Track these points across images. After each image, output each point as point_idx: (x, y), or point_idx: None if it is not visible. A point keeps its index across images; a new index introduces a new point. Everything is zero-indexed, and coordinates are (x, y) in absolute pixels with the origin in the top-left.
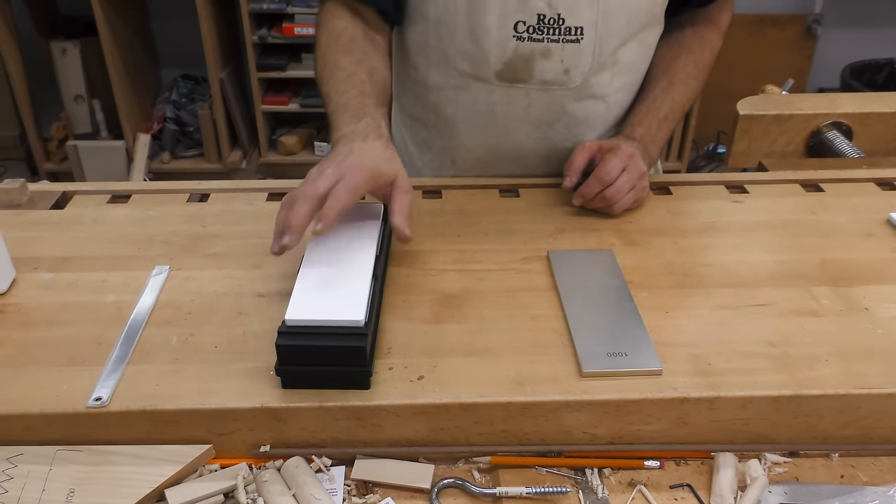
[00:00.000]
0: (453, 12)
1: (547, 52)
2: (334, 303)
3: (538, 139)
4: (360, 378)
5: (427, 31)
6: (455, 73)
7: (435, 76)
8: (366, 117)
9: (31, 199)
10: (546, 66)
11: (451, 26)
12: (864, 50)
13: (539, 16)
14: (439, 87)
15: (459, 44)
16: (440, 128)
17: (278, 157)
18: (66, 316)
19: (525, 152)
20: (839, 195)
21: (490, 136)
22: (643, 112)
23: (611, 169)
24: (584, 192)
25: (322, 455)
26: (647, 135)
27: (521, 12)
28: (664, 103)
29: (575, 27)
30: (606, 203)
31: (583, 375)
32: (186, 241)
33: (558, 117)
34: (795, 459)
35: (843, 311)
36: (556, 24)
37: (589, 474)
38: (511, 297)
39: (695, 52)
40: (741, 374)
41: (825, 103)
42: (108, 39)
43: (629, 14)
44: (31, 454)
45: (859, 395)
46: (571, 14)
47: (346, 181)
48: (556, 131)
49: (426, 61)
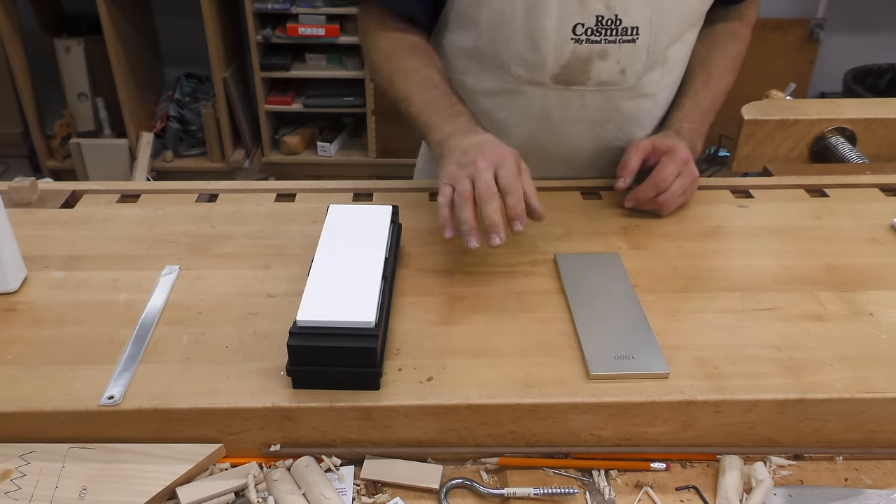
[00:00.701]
0: (510, 17)
1: (604, 53)
2: (345, 304)
3: (591, 139)
4: (370, 379)
5: (480, 36)
6: (510, 79)
7: (488, 81)
8: (462, 115)
9: (41, 198)
10: (603, 67)
11: (508, 31)
12: (867, 55)
13: (598, 17)
14: (492, 92)
15: (516, 48)
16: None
17: (281, 156)
18: (77, 314)
19: (578, 153)
20: (843, 200)
21: (543, 139)
22: (688, 106)
23: (667, 175)
24: (639, 196)
25: (332, 455)
26: (693, 129)
27: (580, 14)
28: (705, 98)
29: (631, 27)
30: (658, 207)
31: (590, 378)
32: (196, 241)
33: (611, 117)
34: (800, 462)
35: (848, 316)
36: (614, 25)
37: (596, 476)
38: (519, 300)
39: (728, 45)
40: (747, 378)
41: (829, 109)
42: (113, 37)
43: (681, 12)
44: (43, 452)
45: (864, 399)
46: (628, 14)
47: (508, 169)
48: (608, 130)
49: (478, 66)
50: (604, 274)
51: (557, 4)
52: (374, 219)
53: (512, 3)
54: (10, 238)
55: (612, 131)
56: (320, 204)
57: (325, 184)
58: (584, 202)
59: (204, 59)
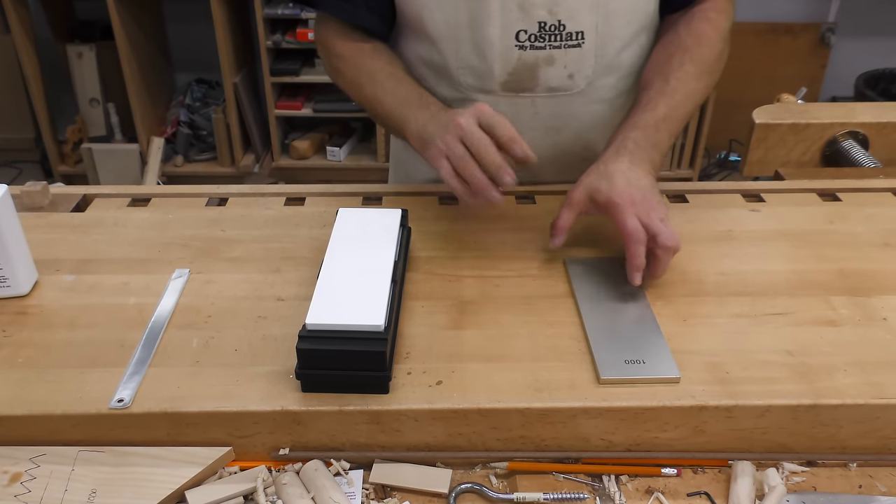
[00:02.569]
0: (455, 27)
1: (550, 58)
2: (354, 307)
3: (547, 146)
4: (380, 382)
5: (428, 46)
6: (460, 87)
7: (443, 89)
8: (433, 104)
9: (52, 202)
10: (550, 73)
11: (454, 41)
12: (878, 59)
13: (540, 23)
14: (447, 99)
15: (463, 58)
16: None
17: (291, 161)
18: (88, 318)
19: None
20: (856, 205)
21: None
22: (638, 114)
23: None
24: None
25: (341, 458)
26: (644, 138)
27: (523, 21)
28: (661, 103)
29: (576, 32)
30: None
31: (601, 383)
32: (206, 245)
33: (566, 122)
34: (813, 469)
35: (861, 321)
36: (558, 31)
37: (606, 481)
38: (528, 304)
39: (692, 49)
40: (759, 383)
41: (842, 113)
42: (124, 43)
43: (629, 15)
44: (53, 454)
45: (878, 405)
46: (572, 19)
47: (486, 113)
48: (564, 136)
49: (432, 74)
50: (614, 278)
51: (500, 13)
52: (383, 222)
53: (455, 13)
54: (22, 242)
55: (568, 137)
56: (330, 208)
57: (334, 187)
58: None
59: (214, 64)
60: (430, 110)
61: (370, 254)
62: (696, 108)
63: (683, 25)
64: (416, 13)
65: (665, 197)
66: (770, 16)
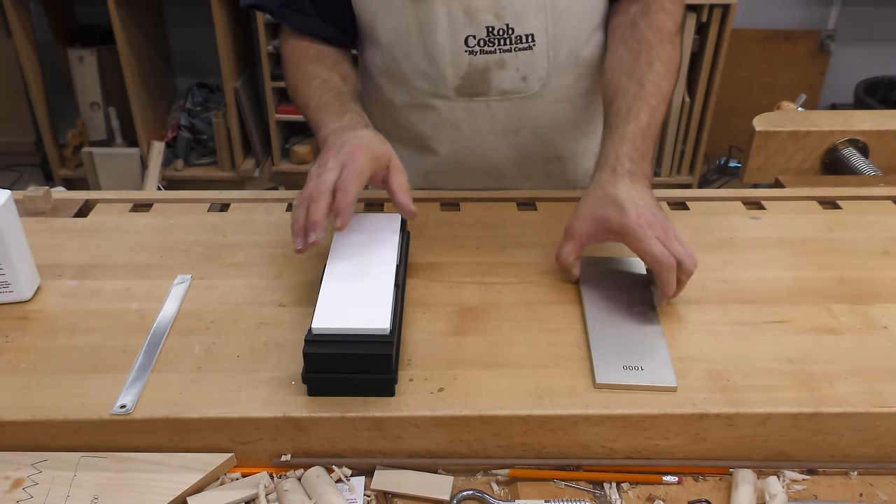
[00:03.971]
0: (405, 34)
1: (501, 62)
2: (359, 311)
3: (506, 147)
4: (386, 385)
5: (383, 54)
6: (416, 93)
7: (399, 95)
8: (349, 112)
9: (54, 207)
10: (503, 77)
11: (405, 48)
12: (878, 66)
13: (488, 28)
14: (406, 106)
15: (415, 64)
16: (414, 145)
17: (291, 165)
18: (90, 323)
19: (497, 162)
20: (856, 213)
21: (460, 151)
22: (622, 126)
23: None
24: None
25: (342, 465)
26: (635, 151)
27: (470, 27)
28: (643, 111)
29: (525, 35)
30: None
31: (596, 387)
32: (208, 251)
33: (523, 125)
34: (814, 477)
35: (861, 329)
36: (507, 35)
37: (607, 488)
38: (530, 310)
39: (656, 46)
40: (760, 391)
41: (842, 120)
42: (125, 48)
43: (580, 14)
44: (55, 460)
45: (879, 413)
46: (520, 23)
47: (350, 168)
48: (523, 138)
49: (388, 81)
50: (623, 281)
51: (446, 19)
52: (384, 227)
53: (405, 20)
54: (25, 247)
55: (526, 138)
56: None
57: None
58: None
59: (215, 69)
60: (342, 120)
61: (372, 258)
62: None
63: (642, 18)
64: (368, 21)
65: (665, 204)
66: (770, 23)
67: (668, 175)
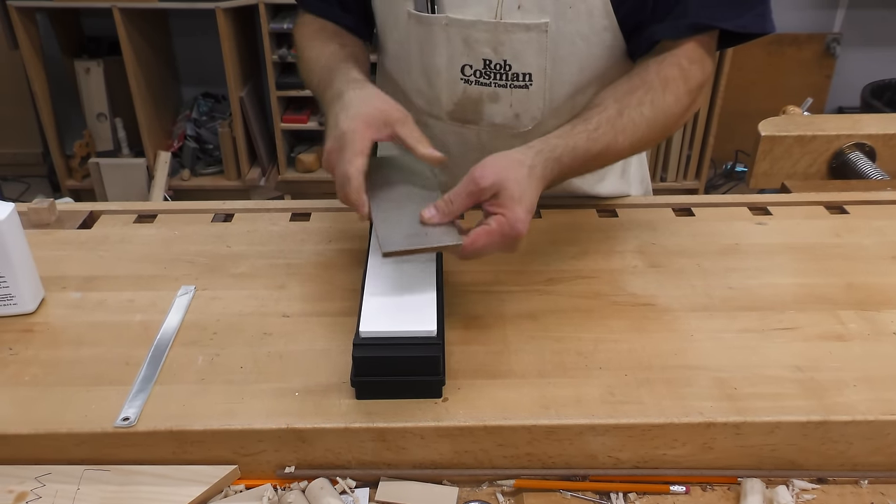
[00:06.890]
0: (408, 50)
1: (495, 96)
2: (405, 315)
3: None
4: (434, 386)
5: (389, 63)
6: (413, 108)
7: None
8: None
9: (59, 219)
10: (495, 110)
11: (407, 63)
12: (884, 69)
13: (485, 61)
14: None
15: (415, 80)
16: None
17: (297, 174)
18: (93, 335)
19: None
20: (864, 217)
21: (448, 171)
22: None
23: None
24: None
25: (346, 477)
26: (567, 154)
27: (467, 56)
28: (605, 136)
29: (523, 73)
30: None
31: (384, 255)
32: (211, 261)
33: None
34: (824, 486)
35: (870, 336)
36: (503, 70)
37: (614, 498)
38: (534, 320)
39: (655, 91)
40: (768, 399)
41: (848, 124)
42: (131, 59)
43: (581, 62)
44: (58, 473)
45: (888, 421)
46: (518, 60)
47: (349, 151)
48: None
49: (394, 90)
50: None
51: (446, 45)
52: None
53: (408, 37)
54: (29, 259)
55: None
56: (335, 224)
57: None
58: (599, 220)
59: (220, 78)
60: (347, 79)
61: (413, 262)
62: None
63: (654, 65)
64: (380, 27)
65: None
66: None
67: (674, 180)
